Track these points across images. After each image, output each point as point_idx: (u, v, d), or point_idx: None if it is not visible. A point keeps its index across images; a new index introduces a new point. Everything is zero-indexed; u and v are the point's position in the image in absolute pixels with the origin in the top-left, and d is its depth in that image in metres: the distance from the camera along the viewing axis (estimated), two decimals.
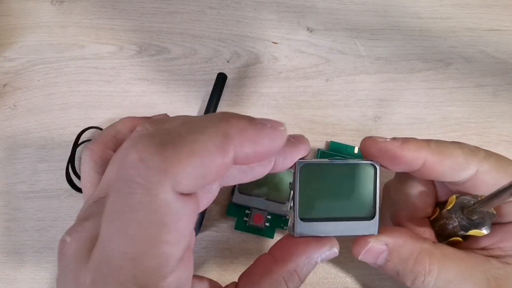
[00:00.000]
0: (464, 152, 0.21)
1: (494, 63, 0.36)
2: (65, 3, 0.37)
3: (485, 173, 0.21)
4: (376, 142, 0.21)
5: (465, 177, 0.21)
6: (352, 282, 0.30)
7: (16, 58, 0.35)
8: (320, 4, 0.37)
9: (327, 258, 0.20)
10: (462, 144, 0.21)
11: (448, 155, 0.21)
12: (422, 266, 0.20)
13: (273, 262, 0.20)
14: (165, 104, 0.34)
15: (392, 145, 0.20)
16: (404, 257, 0.21)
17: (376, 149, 0.21)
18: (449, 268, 0.20)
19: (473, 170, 0.21)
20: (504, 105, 0.35)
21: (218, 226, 0.31)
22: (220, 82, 0.33)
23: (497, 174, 0.21)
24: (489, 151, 0.22)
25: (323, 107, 0.34)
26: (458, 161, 0.21)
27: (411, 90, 0.35)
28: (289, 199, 0.31)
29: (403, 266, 0.21)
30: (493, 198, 0.19)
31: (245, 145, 0.15)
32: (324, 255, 0.20)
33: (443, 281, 0.20)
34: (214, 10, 0.37)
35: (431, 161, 0.20)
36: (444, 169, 0.21)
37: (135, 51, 0.35)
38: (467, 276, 0.20)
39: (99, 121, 0.34)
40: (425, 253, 0.21)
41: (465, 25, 0.36)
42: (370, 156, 0.21)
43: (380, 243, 0.21)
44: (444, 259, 0.20)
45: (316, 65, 0.35)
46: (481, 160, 0.21)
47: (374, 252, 0.21)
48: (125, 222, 0.14)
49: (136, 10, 0.37)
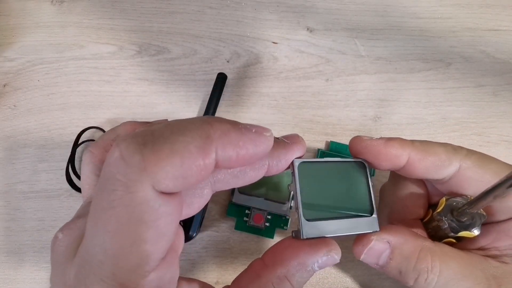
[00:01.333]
0: (446, 149, 0.22)
1: (494, 63, 0.36)
2: (65, 3, 0.37)
3: (467, 169, 0.21)
4: (362, 140, 0.22)
5: (449, 174, 0.22)
6: (352, 282, 0.30)
7: (16, 58, 0.35)
8: (320, 4, 0.37)
9: (325, 265, 0.19)
10: (445, 143, 0.22)
11: (430, 152, 0.21)
12: (425, 263, 0.20)
13: (263, 266, 0.20)
14: (165, 104, 0.34)
15: (377, 142, 0.21)
16: (406, 254, 0.21)
17: (362, 146, 0.21)
18: (450, 266, 0.20)
19: (456, 166, 0.21)
20: (504, 105, 0.35)
21: (218, 226, 0.31)
22: (220, 82, 0.33)
23: (479, 170, 0.21)
24: (472, 150, 0.22)
25: (323, 107, 0.34)
26: (441, 158, 0.21)
27: (411, 90, 0.35)
28: (289, 199, 0.31)
29: (405, 264, 0.21)
30: (480, 199, 0.19)
31: (227, 148, 0.16)
32: (321, 261, 0.19)
33: (445, 278, 0.20)
34: (214, 10, 0.37)
35: (414, 158, 0.21)
36: (427, 166, 0.21)
37: (135, 51, 0.35)
38: (467, 274, 0.20)
39: (99, 121, 0.34)
40: (427, 250, 0.21)
41: (465, 25, 0.36)
42: (357, 154, 0.22)
43: (383, 241, 0.21)
44: (445, 257, 0.21)
45: (316, 65, 0.35)
46: (463, 157, 0.21)
47: (377, 250, 0.21)
48: (106, 219, 0.15)
49: (136, 10, 0.37)
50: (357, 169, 0.22)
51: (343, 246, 0.31)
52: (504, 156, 0.33)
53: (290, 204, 0.31)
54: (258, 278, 0.19)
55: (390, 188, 0.27)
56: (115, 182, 0.14)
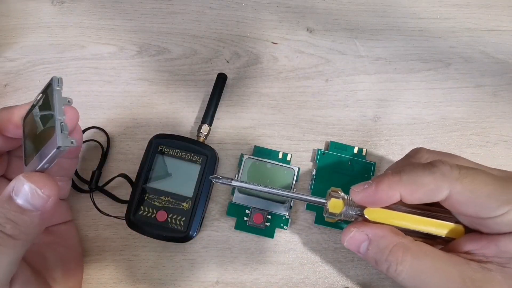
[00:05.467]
0: (435, 178, 0.22)
1: (493, 63, 0.36)
2: (65, 4, 0.37)
3: (457, 194, 0.22)
4: (355, 194, 0.24)
5: (440, 198, 0.22)
6: (352, 282, 0.31)
7: (16, 59, 0.35)
8: (320, 4, 0.37)
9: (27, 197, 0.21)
10: (435, 168, 0.22)
11: (419, 185, 0.22)
12: (395, 256, 0.22)
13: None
14: (165, 104, 0.34)
15: (368, 193, 0.23)
16: (381, 247, 0.23)
17: (358, 200, 0.24)
18: (422, 261, 0.22)
19: (446, 192, 0.22)
20: (503, 105, 0.35)
21: (218, 226, 0.31)
22: (220, 82, 0.33)
23: (470, 195, 0.22)
24: (468, 171, 0.22)
25: (323, 107, 0.34)
26: (430, 188, 0.22)
27: (411, 90, 0.35)
28: (289, 199, 0.31)
29: (379, 255, 0.23)
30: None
31: None
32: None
33: (415, 271, 0.22)
34: (214, 11, 0.37)
35: (404, 194, 0.22)
36: (418, 198, 0.23)
37: (135, 51, 0.36)
38: (439, 269, 0.22)
39: (100, 121, 0.34)
40: (401, 246, 0.22)
41: (465, 25, 0.37)
42: (359, 205, 0.24)
43: (362, 233, 0.24)
44: (419, 253, 0.22)
45: (316, 66, 0.35)
46: (453, 182, 0.22)
47: (356, 239, 0.24)
48: None
49: (137, 10, 0.37)
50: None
51: (343, 246, 0.31)
52: (503, 156, 0.33)
53: (290, 204, 0.31)
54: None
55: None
56: None
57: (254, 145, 0.33)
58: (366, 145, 0.33)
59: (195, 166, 0.30)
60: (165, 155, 0.30)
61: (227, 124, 0.34)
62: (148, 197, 0.30)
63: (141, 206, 0.29)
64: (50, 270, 0.26)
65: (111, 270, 0.31)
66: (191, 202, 0.30)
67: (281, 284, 0.30)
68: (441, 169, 0.22)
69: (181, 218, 0.29)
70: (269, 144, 0.33)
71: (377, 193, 0.23)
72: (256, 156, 0.32)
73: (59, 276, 0.27)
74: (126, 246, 0.31)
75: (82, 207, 0.32)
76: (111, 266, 0.31)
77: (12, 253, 0.21)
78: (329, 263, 0.31)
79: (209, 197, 0.31)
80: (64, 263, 0.28)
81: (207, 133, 0.32)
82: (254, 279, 0.31)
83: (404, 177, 0.22)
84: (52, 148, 0.21)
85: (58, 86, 0.22)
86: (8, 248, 0.20)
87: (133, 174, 0.31)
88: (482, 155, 0.33)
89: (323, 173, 0.32)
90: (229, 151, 0.33)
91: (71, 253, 0.29)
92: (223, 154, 0.33)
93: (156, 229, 0.29)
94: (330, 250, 0.31)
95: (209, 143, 0.32)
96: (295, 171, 0.31)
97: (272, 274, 0.31)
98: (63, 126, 0.21)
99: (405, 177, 0.22)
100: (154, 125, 0.34)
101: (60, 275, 0.27)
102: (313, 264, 0.31)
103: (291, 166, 0.32)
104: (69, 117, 0.23)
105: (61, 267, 0.27)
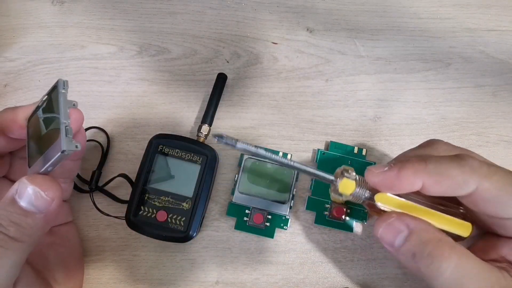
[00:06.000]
0: (463, 171, 0.21)
1: (493, 63, 0.36)
2: (65, 4, 0.37)
3: (485, 191, 0.21)
4: (374, 175, 0.22)
5: (465, 193, 0.21)
6: (352, 282, 0.31)
7: (17, 59, 0.35)
8: (320, 4, 0.37)
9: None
10: (463, 161, 0.21)
11: (446, 176, 0.21)
12: (441, 251, 0.20)
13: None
14: (165, 104, 0.34)
15: (389, 175, 0.21)
16: (424, 239, 0.21)
17: (375, 182, 0.22)
18: (467, 264, 0.20)
19: (472, 187, 0.21)
20: (503, 105, 0.35)
21: (218, 226, 0.31)
22: (220, 82, 0.33)
23: (498, 193, 0.20)
24: (494, 168, 0.21)
25: (323, 107, 0.34)
26: (457, 181, 0.21)
27: (411, 90, 0.35)
28: (289, 199, 0.31)
29: (422, 247, 0.20)
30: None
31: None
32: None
33: (459, 273, 0.20)
34: (214, 11, 0.37)
35: (429, 183, 0.21)
36: (442, 190, 0.21)
37: (135, 51, 0.36)
38: (482, 276, 0.20)
39: (100, 121, 0.34)
40: (446, 242, 0.21)
41: (465, 25, 0.37)
42: (373, 187, 0.22)
43: (403, 222, 0.21)
44: (463, 255, 0.21)
45: (316, 66, 0.35)
46: (482, 178, 0.20)
47: (395, 228, 0.21)
48: None
49: (137, 10, 0.37)
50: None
51: (343, 246, 0.31)
52: (503, 156, 0.33)
53: (290, 204, 0.31)
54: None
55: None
56: None
57: (254, 145, 0.33)
58: (366, 145, 0.33)
59: (195, 166, 0.30)
60: (165, 155, 0.30)
61: (227, 124, 0.34)
62: (148, 197, 0.30)
63: (141, 206, 0.30)
64: (51, 271, 0.26)
65: (111, 270, 0.31)
66: (191, 202, 0.30)
67: (281, 284, 0.30)
68: (471, 164, 0.21)
69: (181, 218, 0.29)
70: (269, 144, 0.33)
71: (399, 178, 0.21)
72: (256, 156, 0.32)
73: (60, 276, 0.27)
74: (126, 246, 0.31)
75: (82, 207, 0.32)
76: (111, 266, 0.31)
77: (16, 255, 0.21)
78: (329, 263, 0.31)
79: (209, 197, 0.31)
80: (65, 264, 0.28)
81: (207, 133, 0.32)
82: (254, 279, 0.31)
83: (431, 165, 0.21)
84: (56, 152, 0.21)
85: (63, 89, 0.22)
86: (11, 251, 0.20)
87: (133, 174, 0.31)
88: (482, 155, 0.33)
89: None
90: (229, 151, 0.33)
91: (72, 254, 0.29)
92: (223, 154, 0.33)
93: (156, 229, 0.29)
94: (330, 250, 0.31)
95: (209, 143, 0.32)
96: (295, 171, 0.31)
97: (272, 274, 0.31)
98: (68, 129, 0.21)
99: (432, 166, 0.21)
100: (154, 125, 0.34)
101: (61, 275, 0.27)
102: (313, 264, 0.31)
103: None
104: (74, 118, 0.23)
105: (62, 267, 0.27)
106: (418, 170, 0.21)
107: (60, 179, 0.28)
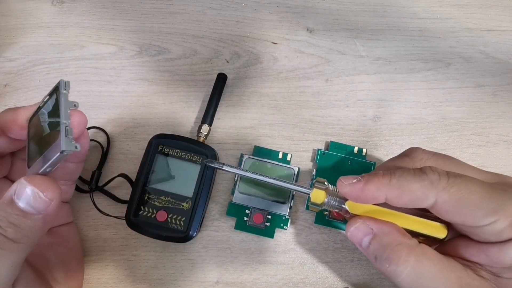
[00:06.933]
0: (423, 185, 0.22)
1: (493, 63, 0.36)
2: (65, 4, 0.37)
3: (443, 203, 0.22)
4: (342, 186, 0.23)
5: (426, 206, 0.22)
6: (352, 282, 0.31)
7: (17, 59, 0.35)
8: (320, 4, 0.37)
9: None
10: (424, 175, 0.22)
11: (406, 190, 0.22)
12: (398, 255, 0.22)
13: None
14: (165, 104, 0.34)
15: (355, 188, 0.23)
16: (384, 244, 0.22)
17: (344, 192, 0.23)
18: (424, 265, 0.21)
19: (432, 200, 0.22)
20: (503, 105, 0.35)
21: (218, 226, 0.31)
22: (220, 82, 0.33)
23: (456, 204, 0.21)
24: (456, 180, 0.22)
25: (323, 107, 0.34)
26: (416, 195, 0.22)
27: (411, 90, 0.35)
28: (289, 199, 0.31)
29: (380, 252, 0.22)
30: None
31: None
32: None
33: (415, 274, 0.21)
34: (214, 11, 0.37)
35: (391, 197, 0.22)
36: (403, 203, 0.22)
37: (135, 51, 0.36)
38: (440, 276, 0.21)
39: (100, 121, 0.34)
40: (405, 246, 0.22)
41: (465, 25, 0.37)
42: (343, 196, 0.24)
43: (367, 226, 0.23)
44: (422, 256, 0.22)
45: (316, 66, 0.35)
46: (440, 191, 0.21)
47: (360, 231, 0.23)
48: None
49: (137, 10, 0.37)
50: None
51: (343, 246, 0.31)
52: (503, 156, 0.33)
53: (290, 204, 0.31)
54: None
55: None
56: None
57: (254, 145, 0.33)
58: (366, 145, 0.33)
59: (195, 166, 0.30)
60: (165, 155, 0.30)
61: (227, 124, 0.34)
62: (148, 197, 0.30)
63: (141, 206, 0.30)
64: (51, 271, 0.26)
65: (111, 270, 0.31)
66: (191, 202, 0.30)
67: (281, 284, 0.30)
68: (430, 177, 0.22)
69: (181, 218, 0.29)
70: (269, 144, 0.33)
71: (364, 191, 0.23)
72: (256, 156, 0.32)
73: (61, 276, 0.27)
74: (126, 246, 0.31)
75: (82, 207, 0.32)
76: (111, 266, 0.31)
77: (14, 256, 0.21)
78: (329, 263, 0.31)
79: (209, 197, 0.31)
80: (65, 264, 0.28)
81: (207, 133, 0.32)
82: (254, 279, 0.31)
83: (394, 180, 0.22)
84: (55, 152, 0.21)
85: (65, 90, 0.22)
86: (10, 252, 0.20)
87: (133, 174, 0.31)
88: (482, 155, 0.33)
89: (323, 173, 0.32)
90: (229, 151, 0.33)
91: (72, 254, 0.29)
92: (223, 154, 0.33)
93: (156, 229, 0.29)
94: (330, 250, 0.31)
95: (209, 143, 0.32)
96: (295, 171, 0.31)
97: (272, 274, 0.31)
98: (68, 130, 0.21)
99: (394, 181, 0.22)
100: (154, 125, 0.34)
101: (62, 275, 0.27)
102: (313, 264, 0.31)
103: (291, 166, 0.32)
104: (77, 121, 0.23)
105: (63, 267, 0.27)
106: (382, 184, 0.22)
107: (62, 181, 0.28)
